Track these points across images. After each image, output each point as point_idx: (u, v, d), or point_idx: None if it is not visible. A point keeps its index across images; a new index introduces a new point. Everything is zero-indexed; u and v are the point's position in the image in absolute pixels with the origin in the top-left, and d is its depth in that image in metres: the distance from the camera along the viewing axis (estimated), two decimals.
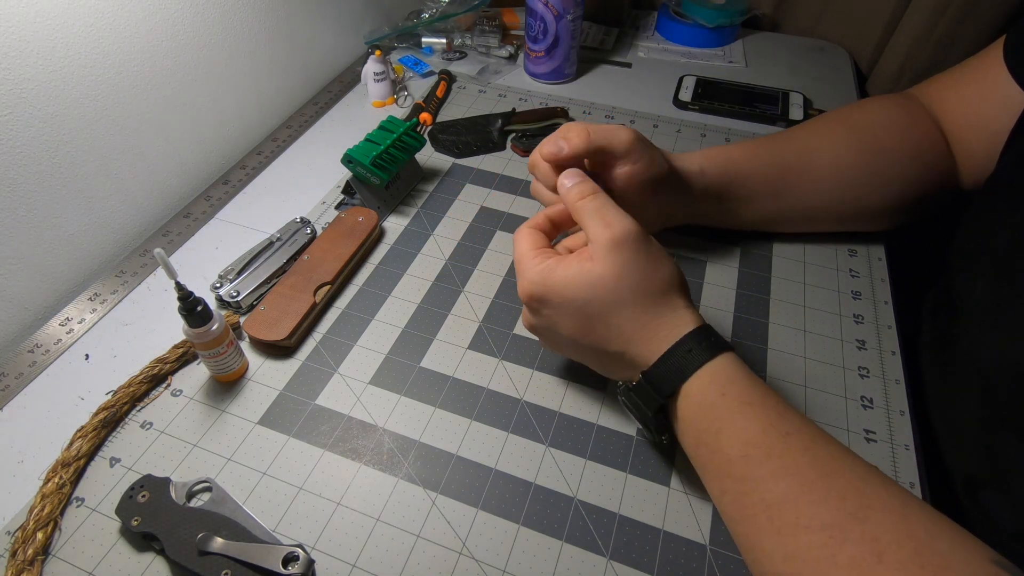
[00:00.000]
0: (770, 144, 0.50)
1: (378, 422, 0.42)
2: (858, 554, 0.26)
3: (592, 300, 0.34)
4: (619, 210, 0.35)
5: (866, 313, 0.49)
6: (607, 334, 0.35)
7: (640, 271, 0.34)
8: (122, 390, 0.41)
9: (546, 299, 0.36)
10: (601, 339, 0.36)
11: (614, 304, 0.34)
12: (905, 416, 0.42)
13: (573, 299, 0.35)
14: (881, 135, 0.50)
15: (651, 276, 0.34)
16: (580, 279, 0.34)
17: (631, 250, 0.34)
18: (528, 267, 0.37)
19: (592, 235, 0.35)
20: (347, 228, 0.52)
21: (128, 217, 0.55)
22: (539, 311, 0.37)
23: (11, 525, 0.36)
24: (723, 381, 0.33)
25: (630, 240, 0.34)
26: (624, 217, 0.35)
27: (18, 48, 0.42)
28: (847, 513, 0.27)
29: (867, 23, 0.81)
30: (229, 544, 0.34)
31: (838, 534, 0.27)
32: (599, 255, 0.34)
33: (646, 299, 0.34)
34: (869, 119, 0.51)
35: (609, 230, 0.34)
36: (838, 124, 0.51)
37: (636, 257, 0.34)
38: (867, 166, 0.49)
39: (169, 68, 0.54)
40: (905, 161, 0.49)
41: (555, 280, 0.35)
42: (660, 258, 0.35)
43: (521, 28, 0.84)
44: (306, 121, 0.69)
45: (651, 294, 0.34)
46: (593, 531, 0.36)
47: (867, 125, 0.51)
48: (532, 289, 0.36)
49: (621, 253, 0.34)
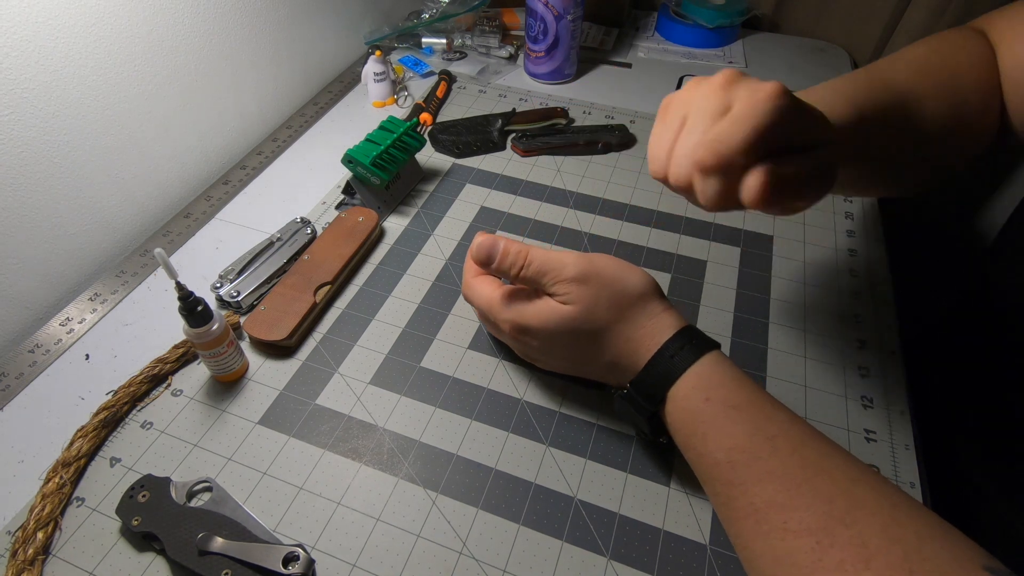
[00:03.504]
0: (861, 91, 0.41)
1: (378, 422, 0.42)
2: (845, 558, 0.26)
3: (572, 332, 0.36)
4: (558, 258, 0.37)
5: (866, 313, 0.49)
6: (595, 353, 0.37)
7: (607, 294, 0.36)
8: (122, 390, 0.41)
9: (530, 333, 0.38)
10: (591, 358, 0.38)
11: (595, 331, 0.36)
12: (905, 416, 0.42)
13: (556, 335, 0.37)
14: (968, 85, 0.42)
15: (619, 293, 0.36)
16: (555, 320, 0.36)
17: (591, 283, 0.36)
18: (501, 311, 0.39)
19: (550, 292, 0.37)
20: (347, 228, 0.52)
21: (128, 217, 0.55)
22: (527, 341, 0.39)
23: (11, 525, 0.36)
24: (707, 385, 0.33)
25: (585, 277, 0.36)
26: (566, 262, 0.36)
27: (18, 48, 0.42)
28: (834, 517, 0.27)
29: (867, 23, 0.81)
30: (229, 544, 0.34)
31: (825, 538, 0.26)
32: (563, 299, 0.36)
33: (622, 314, 0.36)
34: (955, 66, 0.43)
35: (562, 283, 0.36)
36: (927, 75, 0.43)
37: (598, 285, 0.36)
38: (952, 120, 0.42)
39: (170, 68, 0.54)
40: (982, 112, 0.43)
41: (534, 322, 0.37)
42: (621, 272, 0.36)
43: (521, 28, 0.84)
44: (306, 121, 0.69)
45: (625, 308, 0.36)
46: (593, 531, 0.36)
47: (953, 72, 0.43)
48: (514, 327, 0.38)
49: (582, 290, 0.36)
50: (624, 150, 0.66)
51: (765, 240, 0.55)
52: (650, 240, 0.55)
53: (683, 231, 0.56)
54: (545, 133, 0.65)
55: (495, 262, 0.38)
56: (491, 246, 0.38)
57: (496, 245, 0.38)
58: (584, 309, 0.36)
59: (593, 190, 0.60)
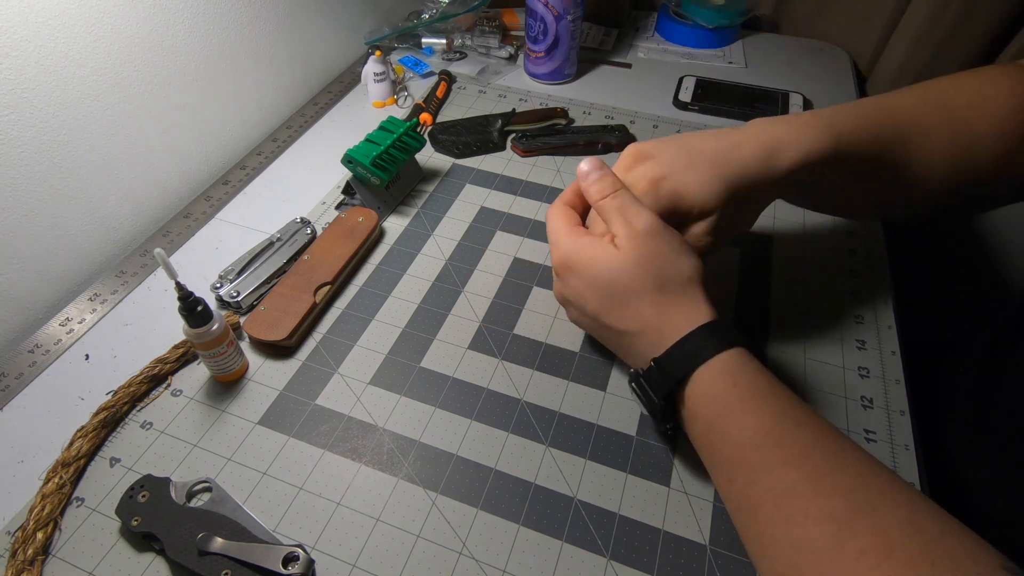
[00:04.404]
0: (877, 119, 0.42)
1: (378, 422, 0.42)
2: (868, 546, 0.26)
3: (614, 282, 0.36)
4: (640, 207, 0.37)
5: (866, 313, 0.49)
6: (626, 314, 0.37)
7: (660, 262, 0.36)
8: (122, 390, 0.41)
9: (575, 270, 0.38)
10: (620, 319, 0.37)
11: (634, 290, 0.36)
12: (905, 416, 0.42)
13: (597, 277, 0.37)
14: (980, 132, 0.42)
15: (671, 267, 0.36)
16: (605, 262, 0.37)
17: (652, 243, 0.36)
18: (562, 239, 0.39)
19: (615, 231, 0.37)
20: (347, 228, 0.52)
21: (128, 217, 0.55)
22: (568, 282, 0.39)
23: (11, 525, 0.36)
24: (734, 371, 0.33)
25: (651, 235, 0.36)
26: (644, 213, 0.37)
27: (18, 48, 0.42)
28: (856, 506, 0.27)
29: (867, 23, 0.81)
30: (229, 544, 0.34)
31: (847, 526, 0.27)
32: (623, 244, 0.36)
33: (665, 288, 0.36)
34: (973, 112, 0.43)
35: (628, 228, 0.36)
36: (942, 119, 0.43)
37: (657, 250, 0.36)
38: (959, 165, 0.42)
39: (170, 68, 0.54)
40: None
41: (584, 256, 0.38)
42: (681, 251, 0.36)
43: (521, 29, 0.84)
44: (306, 121, 0.69)
45: (670, 284, 0.36)
46: (593, 531, 0.36)
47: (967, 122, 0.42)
48: (563, 259, 0.39)
49: (643, 245, 0.36)
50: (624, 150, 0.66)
51: (765, 240, 0.55)
52: None
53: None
54: (545, 133, 0.65)
55: (591, 179, 0.39)
56: (597, 166, 0.39)
57: (602, 168, 0.39)
58: (633, 263, 0.36)
59: None
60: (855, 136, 0.39)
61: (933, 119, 0.42)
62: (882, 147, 0.40)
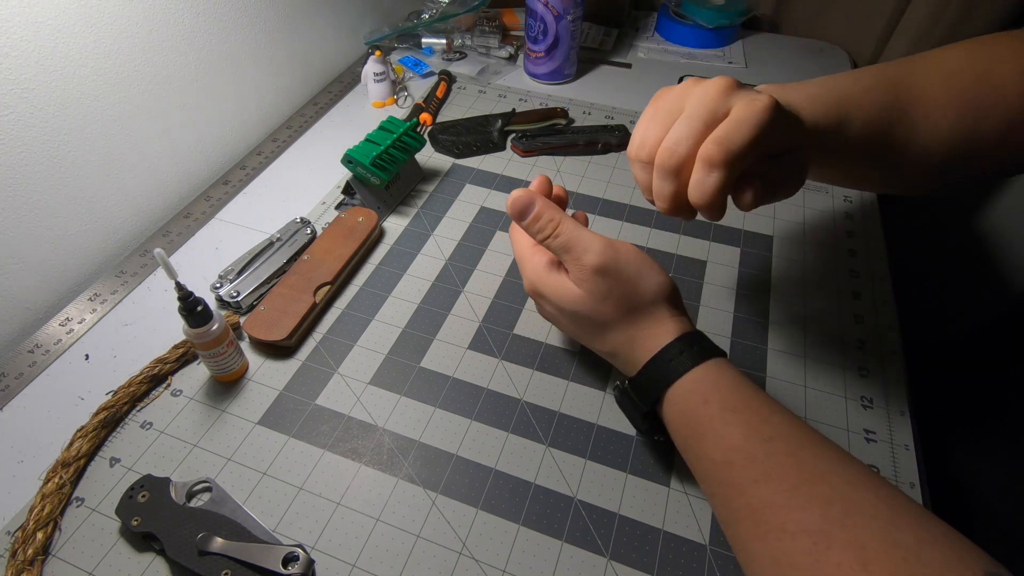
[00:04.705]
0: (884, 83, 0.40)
1: (378, 422, 0.42)
2: (844, 560, 0.26)
3: (578, 313, 0.37)
4: (586, 240, 0.36)
5: (866, 313, 0.49)
6: (596, 340, 0.38)
7: (618, 293, 0.35)
8: (122, 390, 0.41)
9: (545, 297, 0.39)
10: (593, 343, 0.39)
11: (598, 322, 0.37)
12: (905, 416, 0.42)
13: (563, 309, 0.38)
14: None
15: (632, 294, 0.36)
16: (566, 297, 0.37)
17: (606, 279, 0.35)
18: (527, 268, 0.40)
19: (569, 269, 0.37)
20: (347, 228, 0.52)
21: (128, 217, 0.55)
22: (542, 306, 0.41)
23: (11, 525, 0.36)
24: (705, 388, 0.33)
25: (603, 272, 0.35)
26: (592, 248, 0.35)
27: (18, 48, 0.42)
28: (832, 519, 0.27)
29: (867, 23, 0.81)
30: (229, 544, 0.34)
31: (822, 540, 0.26)
32: (579, 283, 0.36)
33: (628, 315, 0.36)
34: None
35: (579, 268, 0.36)
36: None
37: (612, 282, 0.35)
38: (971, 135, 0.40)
39: (169, 68, 0.54)
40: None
41: (548, 288, 0.38)
42: (640, 274, 0.36)
43: (521, 29, 0.84)
44: (306, 121, 0.69)
45: (633, 310, 0.36)
46: (593, 531, 0.36)
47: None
48: (532, 287, 0.39)
49: (596, 282, 0.35)
50: (624, 150, 0.66)
51: (765, 240, 0.55)
52: (650, 240, 0.55)
53: (683, 231, 0.56)
54: (545, 133, 0.65)
55: (526, 220, 0.37)
56: (526, 204, 0.37)
57: (531, 205, 0.37)
58: (592, 299, 0.36)
59: (593, 190, 0.60)
60: (860, 114, 0.37)
61: (938, 94, 0.40)
62: (887, 125, 0.39)
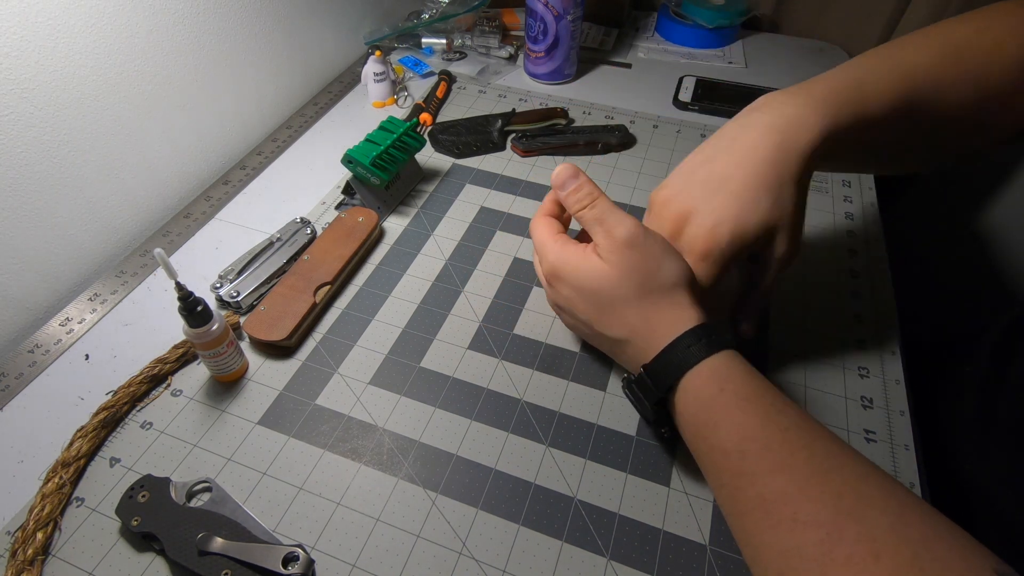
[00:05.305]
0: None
1: (378, 422, 0.42)
2: (854, 553, 0.26)
3: (599, 291, 0.37)
4: (619, 215, 0.37)
5: (866, 313, 0.49)
6: (614, 322, 0.37)
7: (643, 270, 0.36)
8: (122, 390, 0.41)
9: (563, 279, 0.38)
10: (609, 326, 0.38)
11: (619, 299, 0.36)
12: (905, 416, 0.42)
13: (583, 286, 0.38)
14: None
15: (654, 275, 0.36)
16: (588, 272, 0.37)
17: (634, 253, 0.36)
18: (548, 250, 0.40)
19: (596, 241, 0.37)
20: (347, 228, 0.52)
21: (128, 217, 0.55)
22: (558, 290, 0.40)
23: (11, 525, 0.36)
24: (721, 377, 0.33)
25: (632, 245, 0.36)
26: (624, 222, 0.36)
27: (18, 48, 0.42)
28: (844, 511, 0.27)
29: (867, 23, 0.81)
30: (229, 544, 0.34)
31: (834, 532, 0.27)
32: (604, 255, 0.36)
33: (650, 296, 0.36)
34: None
35: (609, 239, 0.36)
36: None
37: (639, 258, 0.36)
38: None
39: (170, 68, 0.54)
40: None
41: (569, 266, 0.38)
42: (665, 256, 0.36)
43: (521, 29, 0.84)
44: (306, 121, 0.69)
45: (655, 291, 0.36)
46: (593, 531, 0.36)
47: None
48: (551, 269, 0.39)
49: (624, 255, 0.36)
50: (624, 150, 0.66)
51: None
52: None
53: None
54: (545, 133, 0.65)
55: (567, 190, 0.39)
56: (571, 175, 0.39)
57: (577, 176, 0.39)
58: (616, 274, 0.36)
59: None
60: (876, 104, 0.37)
61: (951, 75, 0.39)
62: (903, 112, 0.39)
